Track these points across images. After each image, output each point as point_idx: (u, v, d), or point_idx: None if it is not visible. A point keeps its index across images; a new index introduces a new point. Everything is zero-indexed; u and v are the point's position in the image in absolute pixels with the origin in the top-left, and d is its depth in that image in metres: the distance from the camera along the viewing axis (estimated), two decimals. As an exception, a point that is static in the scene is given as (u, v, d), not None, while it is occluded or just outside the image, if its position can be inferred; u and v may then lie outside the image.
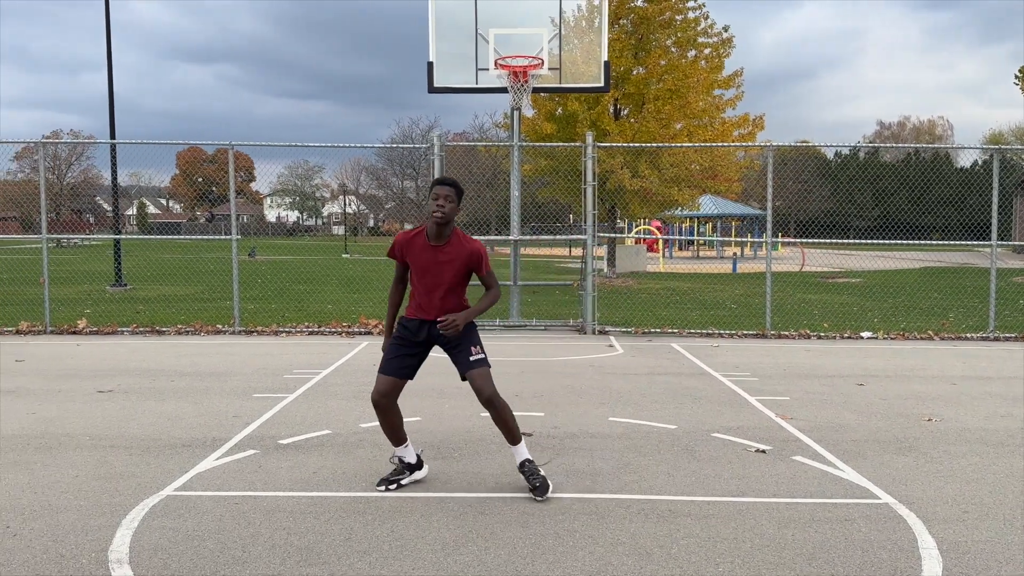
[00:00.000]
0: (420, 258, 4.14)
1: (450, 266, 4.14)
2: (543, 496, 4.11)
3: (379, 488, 4.27)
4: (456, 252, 4.14)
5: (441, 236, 4.13)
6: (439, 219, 4.05)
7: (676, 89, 19.32)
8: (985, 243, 11.21)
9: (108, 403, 6.37)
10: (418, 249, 4.14)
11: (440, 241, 4.13)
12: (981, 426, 5.77)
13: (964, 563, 3.37)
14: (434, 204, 4.05)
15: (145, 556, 3.40)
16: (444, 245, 4.13)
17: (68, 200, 59.04)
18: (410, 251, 4.17)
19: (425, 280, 4.16)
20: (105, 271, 20.24)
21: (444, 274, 4.14)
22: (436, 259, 4.12)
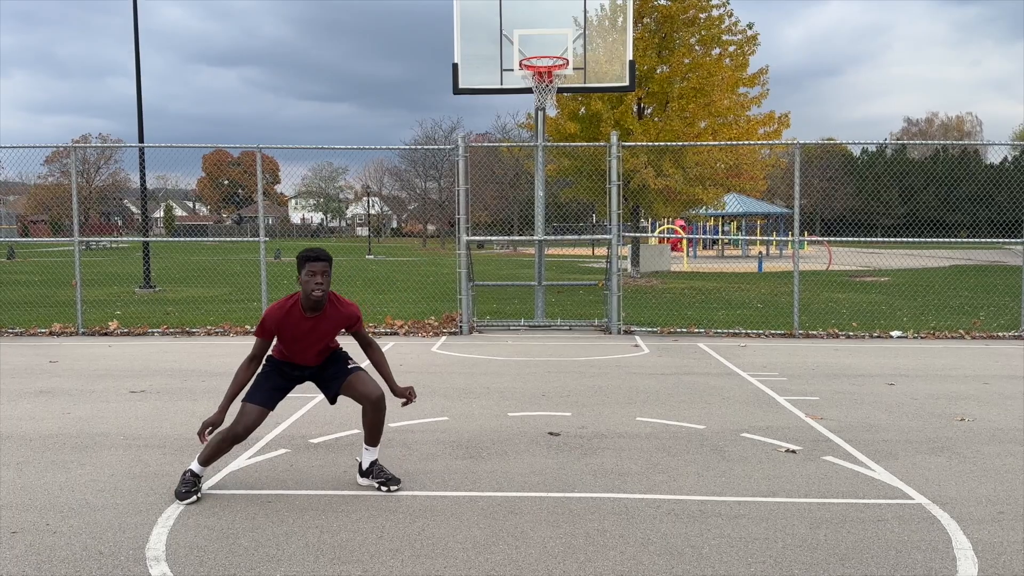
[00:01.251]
0: (297, 331, 4.13)
1: (327, 332, 4.20)
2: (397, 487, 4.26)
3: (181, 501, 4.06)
4: (333, 318, 4.18)
5: (318, 308, 4.12)
6: (319, 297, 4.03)
7: (700, 87, 19.21)
8: (1016, 240, 11.03)
9: (141, 403, 6.47)
10: (294, 324, 4.12)
11: (317, 312, 4.12)
12: (1014, 426, 5.69)
13: (1000, 564, 3.33)
14: (313, 282, 4.00)
15: (182, 554, 3.45)
16: (321, 315, 4.14)
17: (96, 203, 59.94)
18: (286, 327, 4.13)
19: (299, 345, 4.20)
20: (134, 273, 20.52)
21: (320, 339, 4.21)
22: (314, 329, 4.15)
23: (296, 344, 4.19)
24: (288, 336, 4.15)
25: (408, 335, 10.75)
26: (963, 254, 34.61)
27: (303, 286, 4.04)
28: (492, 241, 48.41)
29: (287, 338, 4.17)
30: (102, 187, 64.44)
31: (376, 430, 4.32)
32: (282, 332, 4.15)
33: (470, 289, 10.91)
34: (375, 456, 4.37)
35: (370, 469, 4.35)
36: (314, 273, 4.00)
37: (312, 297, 4.03)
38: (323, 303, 4.11)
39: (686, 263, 29.43)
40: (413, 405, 6.34)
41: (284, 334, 4.15)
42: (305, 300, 4.09)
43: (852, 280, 20.63)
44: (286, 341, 4.19)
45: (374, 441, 4.35)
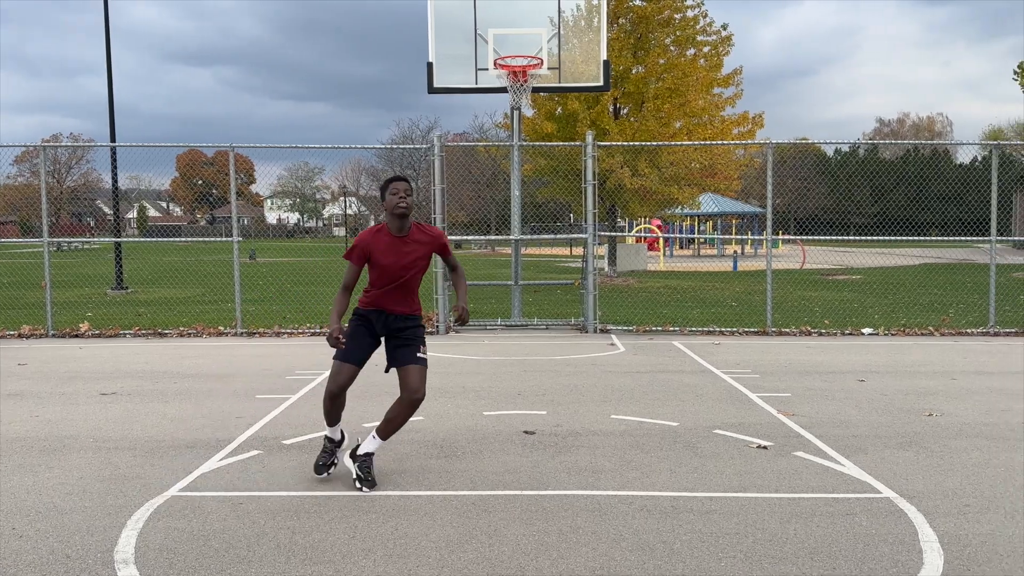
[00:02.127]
0: (387, 253, 4.24)
1: (416, 255, 4.29)
2: (370, 490, 4.27)
3: (318, 475, 4.46)
4: (420, 240, 4.31)
5: (403, 228, 4.26)
6: (404, 210, 4.19)
7: (675, 88, 19.33)
8: (984, 239, 11.22)
9: (112, 405, 6.39)
10: (384, 245, 4.24)
11: (403, 233, 4.27)
12: (982, 420, 5.79)
13: (965, 556, 3.39)
14: (395, 199, 4.18)
15: (151, 556, 3.42)
16: (407, 236, 4.28)
17: (68, 204, 59.10)
18: (375, 249, 4.24)
19: (391, 273, 4.27)
20: (106, 274, 20.26)
21: (410, 264, 4.29)
22: (402, 250, 4.26)
23: (388, 272, 4.26)
24: (379, 258, 4.24)
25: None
26: (934, 252, 35.14)
27: (387, 205, 4.21)
28: (469, 241, 48.37)
29: (379, 260, 4.24)
30: (73, 187, 63.55)
31: (395, 425, 4.36)
32: (373, 254, 4.23)
33: (446, 289, 10.90)
34: (374, 448, 4.38)
35: (362, 457, 4.35)
36: (396, 192, 4.19)
37: (397, 211, 4.17)
38: (408, 222, 4.25)
39: (662, 262, 29.60)
40: (387, 404, 6.31)
41: (376, 256, 4.24)
42: (391, 219, 4.24)
43: (825, 278, 20.87)
44: (378, 265, 4.26)
45: (386, 434, 4.37)
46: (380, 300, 4.34)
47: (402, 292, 4.33)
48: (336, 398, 4.36)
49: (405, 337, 4.36)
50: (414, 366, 4.30)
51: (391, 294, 4.32)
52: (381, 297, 4.33)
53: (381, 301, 4.34)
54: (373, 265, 4.28)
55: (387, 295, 4.32)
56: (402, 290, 4.32)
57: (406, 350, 4.34)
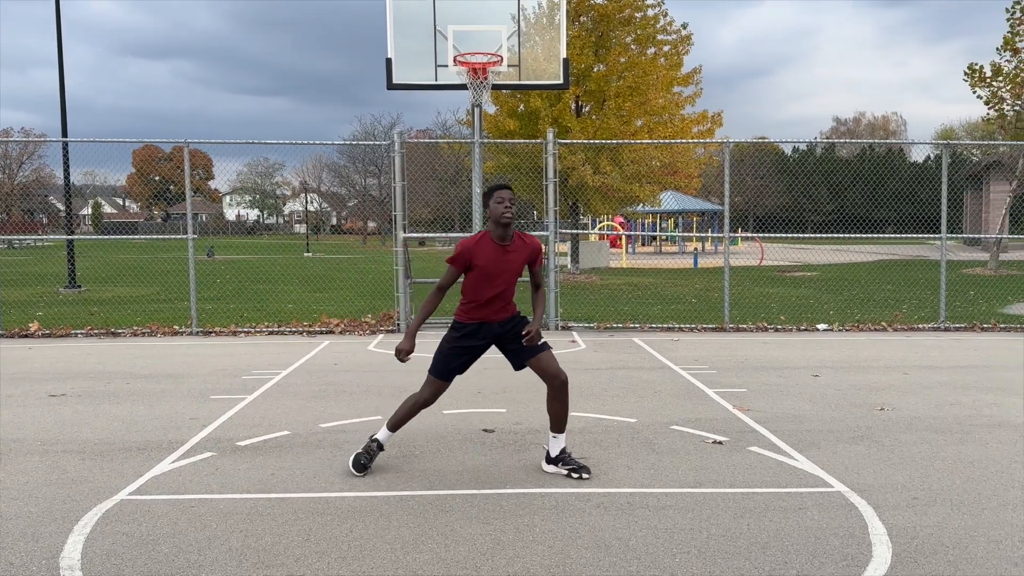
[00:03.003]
0: (491, 262, 4.29)
1: (516, 263, 4.36)
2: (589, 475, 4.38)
3: (358, 474, 4.46)
4: (521, 249, 4.37)
5: (507, 236, 4.30)
6: (509, 219, 4.22)
7: (636, 86, 19.45)
8: (935, 235, 11.49)
9: (61, 407, 6.24)
10: (488, 252, 4.28)
11: (506, 242, 4.30)
12: (931, 414, 5.92)
13: (913, 548, 3.46)
14: (501, 207, 4.22)
15: (98, 562, 3.34)
16: (511, 245, 4.33)
17: (19, 200, 57.56)
18: (479, 256, 4.28)
19: (493, 281, 4.32)
20: (58, 272, 19.77)
21: (510, 272, 4.36)
22: (505, 259, 4.31)
23: (490, 280, 4.29)
24: (481, 265, 4.26)
25: (344, 333, 10.62)
26: (888, 249, 35.90)
27: (492, 213, 4.25)
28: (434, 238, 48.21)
29: (480, 268, 4.27)
30: (25, 183, 61.89)
31: (561, 416, 4.44)
32: (475, 260, 4.26)
33: (408, 287, 10.83)
34: (563, 444, 4.46)
35: (559, 456, 4.45)
36: (502, 200, 4.22)
37: (502, 220, 4.21)
38: (512, 230, 4.31)
39: (624, 259, 29.80)
40: (345, 404, 6.28)
41: (477, 263, 4.26)
42: (495, 227, 4.28)
43: (782, 275, 21.20)
44: (479, 272, 4.28)
45: (560, 427, 4.46)
46: (482, 312, 4.39)
47: (502, 300, 4.39)
48: (425, 405, 4.48)
49: (517, 332, 4.42)
50: (542, 353, 4.40)
51: (493, 303, 4.37)
52: (482, 309, 4.38)
53: (483, 313, 4.39)
54: (475, 273, 4.30)
55: (488, 305, 4.37)
56: (502, 298, 4.38)
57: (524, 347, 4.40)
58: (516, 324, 4.47)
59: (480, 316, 4.40)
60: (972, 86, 21.09)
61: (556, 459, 4.47)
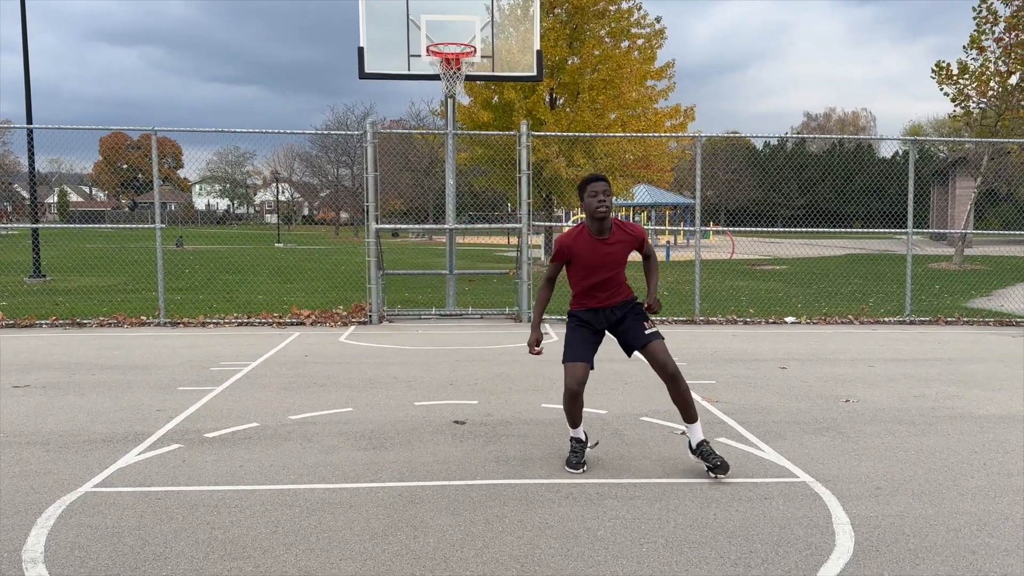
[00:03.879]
0: (590, 256, 4.25)
1: (618, 254, 4.30)
2: (725, 474, 4.23)
3: (575, 471, 4.35)
4: (621, 239, 4.29)
5: (604, 229, 4.24)
6: (603, 214, 4.15)
7: (610, 79, 19.52)
8: (902, 230, 11.67)
9: (24, 398, 6.13)
10: (585, 247, 4.25)
11: (604, 235, 4.24)
12: (895, 406, 6.03)
13: (875, 537, 3.53)
14: (595, 201, 4.14)
15: (61, 554, 3.29)
16: (609, 236, 4.24)
17: (-18, 188, 56.30)
18: (577, 251, 4.25)
19: (597, 274, 4.28)
20: (23, 262, 19.40)
21: (613, 263, 4.29)
22: (604, 251, 4.25)
23: (594, 272, 4.25)
24: (582, 261, 4.22)
25: (315, 325, 10.55)
26: (857, 244, 36.42)
27: (587, 208, 4.17)
28: (406, 230, 48.01)
29: (582, 263, 4.23)
30: (-12, 170, 60.50)
31: (685, 405, 4.30)
32: (575, 256, 4.23)
33: (380, 278, 10.79)
34: (699, 435, 4.33)
35: (698, 448, 4.32)
36: (595, 193, 4.14)
37: (596, 214, 4.14)
38: (608, 223, 4.22)
39: (597, 252, 29.87)
40: (315, 396, 6.24)
41: (578, 259, 4.22)
42: (590, 221, 4.20)
43: (752, 268, 21.42)
44: (581, 267, 4.24)
45: (689, 417, 4.33)
46: (591, 300, 4.35)
47: (609, 288, 4.34)
48: (576, 397, 4.34)
49: (628, 322, 4.35)
50: (653, 343, 4.28)
51: (599, 293, 4.33)
52: (590, 298, 4.34)
53: (592, 301, 4.35)
54: (576, 267, 4.27)
55: (595, 295, 4.33)
56: (608, 287, 4.33)
57: (636, 332, 4.31)
58: (629, 309, 4.39)
59: (591, 304, 4.38)
60: (939, 84, 21.43)
61: (695, 450, 4.34)
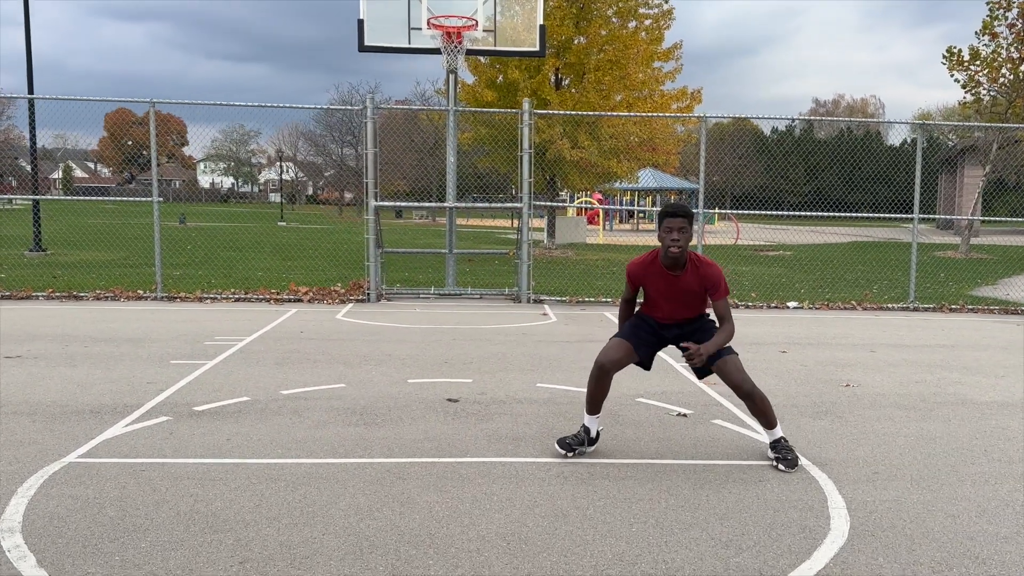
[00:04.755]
0: (659, 285, 4.09)
1: (689, 292, 4.08)
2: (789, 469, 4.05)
3: (562, 451, 4.17)
4: (693, 278, 4.05)
5: (677, 266, 4.01)
6: (676, 254, 3.93)
7: (616, 60, 19.26)
8: (907, 217, 11.53)
9: (15, 369, 6.07)
10: (655, 277, 4.08)
11: (677, 271, 4.03)
12: (895, 391, 5.94)
13: (871, 522, 3.45)
14: (668, 238, 3.92)
15: (40, 524, 3.23)
16: (683, 274, 4.03)
17: (-14, 161, 56.25)
18: (648, 280, 4.10)
19: (669, 303, 4.11)
20: (24, 235, 19.35)
21: (684, 300, 4.10)
22: (676, 286, 4.06)
23: (660, 300, 4.10)
24: (652, 291, 4.10)
25: (313, 302, 10.47)
26: (863, 231, 36.20)
27: (661, 242, 3.99)
28: (409, 209, 47.84)
29: (651, 293, 4.10)
30: (-8, 144, 60.44)
31: (763, 415, 4.13)
32: (646, 285, 4.12)
33: (379, 256, 10.69)
34: (777, 435, 4.18)
35: (772, 444, 4.20)
36: (671, 229, 3.91)
37: (670, 254, 3.95)
38: (682, 260, 3.99)
39: (601, 236, 29.76)
40: (309, 372, 6.18)
41: (648, 288, 4.12)
42: (664, 256, 4.02)
43: (757, 254, 21.28)
44: (650, 296, 4.12)
45: (768, 425, 4.18)
46: (657, 315, 4.20)
47: (682, 315, 4.16)
48: (603, 376, 4.09)
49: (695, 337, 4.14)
50: (726, 359, 4.04)
51: (671, 314, 4.16)
52: (663, 313, 4.18)
53: (663, 315, 4.19)
54: (646, 293, 4.13)
55: (668, 314, 4.17)
56: (681, 314, 4.15)
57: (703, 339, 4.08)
58: (700, 326, 4.18)
59: (661, 318, 4.21)
60: (950, 70, 21.15)
61: (771, 446, 4.21)
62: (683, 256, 3.99)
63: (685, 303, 4.12)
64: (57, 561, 2.91)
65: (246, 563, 2.93)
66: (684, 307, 4.14)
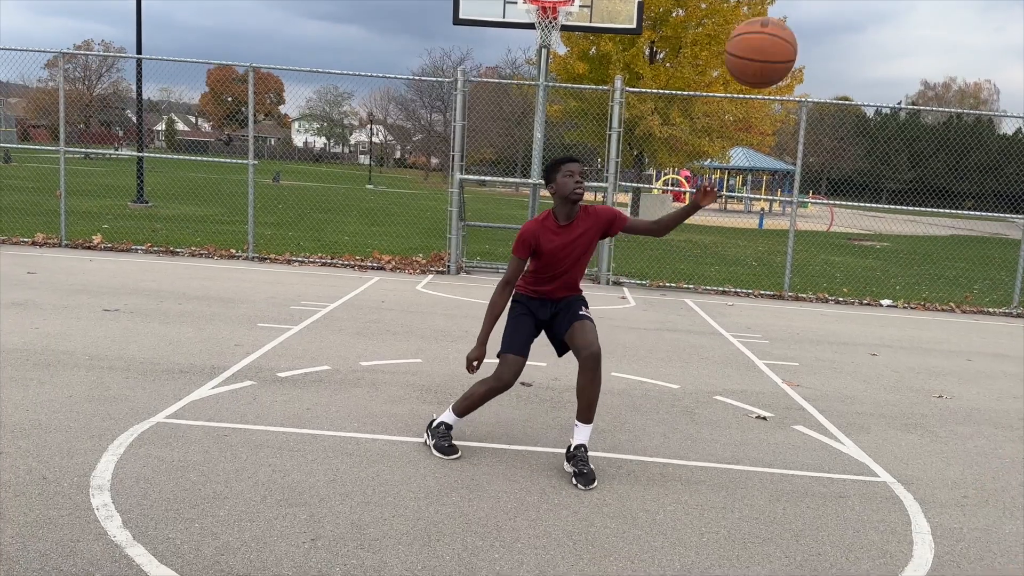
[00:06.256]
0: (553, 243, 3.91)
1: (583, 241, 3.93)
2: (586, 487, 3.69)
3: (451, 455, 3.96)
4: (587, 224, 3.92)
5: (572, 215, 3.90)
6: (580, 196, 3.82)
7: (715, 35, 18.69)
8: (1018, 215, 10.83)
9: (112, 323, 6.37)
10: (550, 234, 3.91)
11: (570, 220, 3.90)
12: (992, 407, 5.62)
13: (957, 551, 3.28)
14: (572, 182, 3.79)
15: (127, 484, 3.38)
16: (574, 223, 3.90)
17: (98, 112, 59.06)
18: (543, 238, 3.91)
19: (557, 266, 3.96)
20: (129, 186, 20.28)
21: (577, 252, 3.96)
22: (569, 239, 3.92)
23: (554, 263, 3.95)
24: (546, 250, 3.92)
25: (395, 271, 10.63)
26: (966, 224, 34.35)
27: (561, 188, 3.82)
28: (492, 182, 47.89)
29: (545, 253, 3.92)
30: (103, 96, 63.38)
31: (588, 398, 3.81)
32: (540, 246, 3.89)
33: (461, 229, 10.74)
34: (584, 438, 3.84)
35: (572, 454, 3.85)
36: (571, 173, 3.82)
37: (572, 196, 3.81)
38: (576, 208, 3.89)
39: (687, 215, 29.11)
40: (387, 344, 6.27)
41: (542, 248, 3.89)
42: (562, 204, 3.86)
43: (850, 243, 20.46)
44: (544, 257, 3.94)
45: (585, 416, 3.84)
46: (544, 291, 4.04)
47: (567, 282, 4.03)
48: (507, 387, 3.96)
49: (562, 309, 4.03)
50: (579, 322, 3.91)
51: (557, 286, 4.02)
52: (544, 288, 4.04)
53: (545, 292, 4.04)
54: (538, 257, 3.96)
55: (556, 284, 4.03)
56: (566, 281, 4.02)
57: (567, 314, 3.98)
58: (572, 303, 4.07)
59: (543, 295, 4.05)
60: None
61: (569, 456, 3.86)
62: (579, 202, 3.87)
63: (577, 258, 3.94)
64: (141, 523, 3.04)
65: (317, 540, 3.00)
66: (576, 264, 3.96)
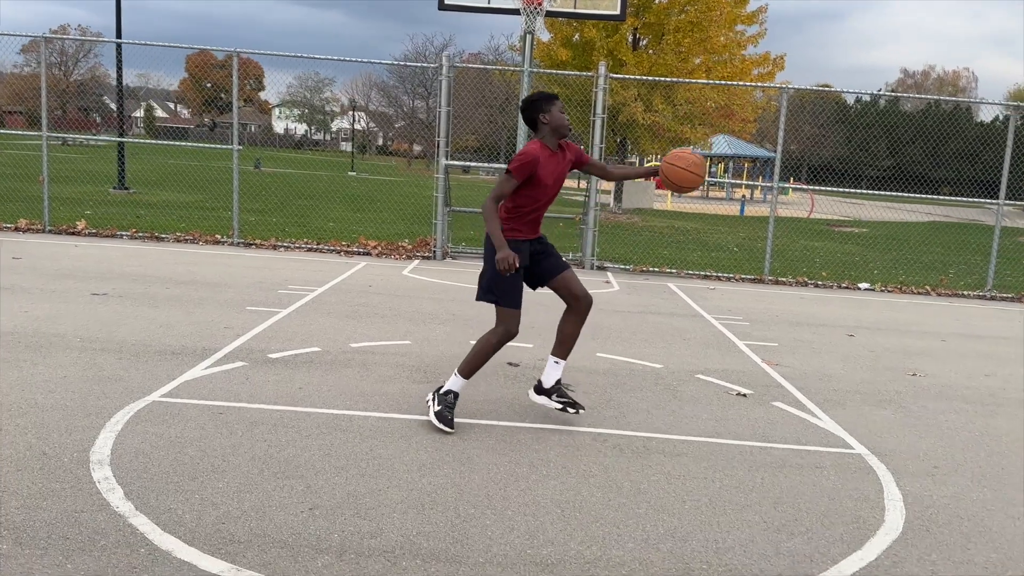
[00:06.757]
0: (550, 167, 4.20)
1: (565, 169, 4.35)
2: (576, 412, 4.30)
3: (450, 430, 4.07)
4: (570, 154, 4.35)
5: (559, 145, 4.29)
6: (571, 129, 4.23)
7: (697, 22, 18.81)
8: (993, 201, 11.07)
9: (101, 306, 6.42)
10: (547, 160, 4.19)
11: (559, 149, 4.27)
12: (964, 384, 5.82)
13: (926, 517, 3.44)
14: (564, 117, 4.19)
15: (126, 459, 3.47)
16: (561, 151, 4.28)
17: (74, 98, 58.32)
18: (544, 165, 4.15)
19: (548, 191, 4.22)
20: (109, 172, 20.13)
21: (561, 179, 4.32)
22: (561, 164, 4.28)
23: (547, 190, 4.19)
24: (542, 175, 4.14)
25: (381, 256, 10.70)
26: (944, 211, 34.81)
27: (557, 120, 4.16)
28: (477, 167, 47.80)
29: (539, 178, 4.13)
30: (80, 81, 62.58)
31: (573, 340, 4.39)
32: (541, 169, 4.11)
33: (447, 214, 10.82)
34: (560, 374, 4.38)
35: (554, 388, 4.34)
36: (563, 110, 4.22)
37: (566, 128, 4.20)
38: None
39: (669, 202, 29.35)
40: (376, 326, 6.36)
41: (539, 173, 4.11)
42: (552, 135, 4.20)
43: (830, 229, 20.73)
44: (541, 183, 4.14)
45: (565, 353, 4.40)
46: (528, 227, 4.24)
47: (540, 217, 4.31)
48: (511, 338, 4.26)
49: (538, 252, 4.33)
50: (569, 271, 4.35)
51: (535, 215, 4.24)
52: (529, 224, 4.23)
53: (529, 229, 4.24)
54: (533, 185, 4.13)
55: (534, 220, 4.25)
56: (542, 214, 4.30)
57: (550, 259, 4.35)
58: (546, 245, 4.37)
59: (527, 233, 4.22)
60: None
61: (550, 390, 4.32)
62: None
63: (559, 187, 4.28)
64: (142, 495, 3.13)
65: (315, 509, 3.11)
66: (555, 194, 4.27)
